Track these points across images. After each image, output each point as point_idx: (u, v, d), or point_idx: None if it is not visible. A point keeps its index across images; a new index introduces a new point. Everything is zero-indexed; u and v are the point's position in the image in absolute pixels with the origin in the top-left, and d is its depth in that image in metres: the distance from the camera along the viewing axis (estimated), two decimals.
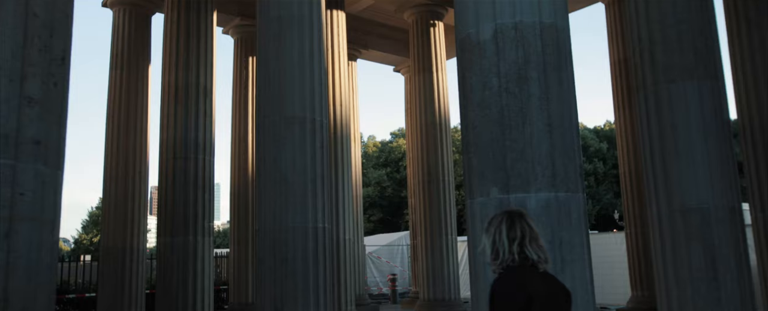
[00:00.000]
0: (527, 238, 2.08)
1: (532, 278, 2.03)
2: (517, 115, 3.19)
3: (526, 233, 2.09)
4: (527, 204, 3.08)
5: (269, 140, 5.21)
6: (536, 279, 2.03)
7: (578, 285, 3.05)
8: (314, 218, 5.11)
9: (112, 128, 9.10)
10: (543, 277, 2.07)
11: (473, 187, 3.31)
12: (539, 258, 2.07)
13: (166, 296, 6.96)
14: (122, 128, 9.03)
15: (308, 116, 5.25)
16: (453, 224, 9.91)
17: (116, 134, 9.04)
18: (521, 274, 2.04)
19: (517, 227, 2.11)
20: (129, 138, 9.01)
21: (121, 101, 9.11)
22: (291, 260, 4.96)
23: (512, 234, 2.10)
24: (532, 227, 2.11)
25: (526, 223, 2.11)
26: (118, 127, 9.05)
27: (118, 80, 9.14)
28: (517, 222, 2.12)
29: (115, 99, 9.16)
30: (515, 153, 3.16)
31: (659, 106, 4.61)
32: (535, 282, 2.02)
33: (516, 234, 2.10)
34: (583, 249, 3.14)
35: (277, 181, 5.10)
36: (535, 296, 1.97)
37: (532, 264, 2.06)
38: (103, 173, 9.09)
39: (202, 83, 7.51)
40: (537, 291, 1.98)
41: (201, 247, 7.12)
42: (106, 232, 8.92)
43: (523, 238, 2.08)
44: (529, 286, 2.00)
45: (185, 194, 7.13)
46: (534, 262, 2.06)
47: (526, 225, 2.11)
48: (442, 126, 10.06)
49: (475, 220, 3.26)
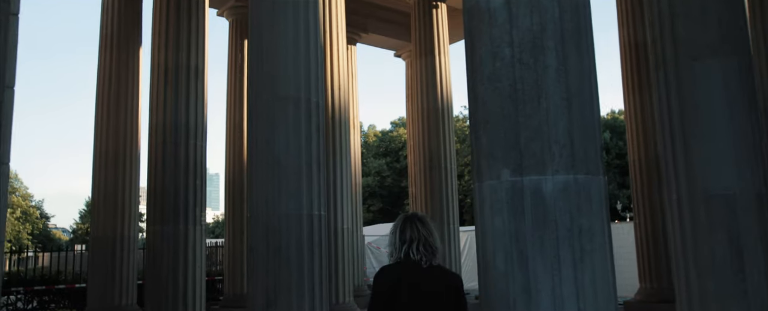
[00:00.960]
0: (415, 242, 2.59)
1: (409, 271, 2.55)
2: (532, 88, 2.86)
3: (416, 237, 2.60)
4: (543, 188, 2.76)
5: (261, 121, 4.89)
6: (412, 272, 2.54)
7: (598, 277, 2.74)
8: (309, 205, 4.79)
9: (101, 111, 8.77)
10: (425, 271, 2.57)
11: (482, 169, 2.99)
12: (421, 257, 2.59)
13: (155, 287, 6.66)
14: (112, 112, 8.70)
15: (303, 96, 4.92)
16: (455, 213, 9.60)
17: (106, 119, 8.71)
18: (397, 268, 2.58)
19: (407, 232, 2.63)
20: (119, 122, 8.68)
21: (111, 83, 8.77)
22: (285, 249, 4.66)
23: (403, 237, 2.62)
24: (423, 230, 2.62)
25: (418, 227, 2.63)
26: (108, 111, 8.72)
27: (108, 62, 8.79)
28: (411, 227, 2.64)
29: (105, 82, 8.82)
30: (530, 131, 2.84)
31: (681, 85, 4.28)
32: (410, 275, 2.53)
33: (406, 237, 2.62)
34: (604, 238, 2.82)
35: (270, 165, 4.78)
36: (402, 286, 2.48)
37: (413, 262, 2.57)
38: (92, 159, 8.78)
39: (193, 63, 7.16)
40: (405, 282, 2.49)
41: (192, 236, 6.81)
42: (96, 220, 8.62)
43: (412, 242, 2.60)
44: (400, 277, 2.51)
45: (175, 181, 6.81)
46: (417, 261, 2.58)
47: (418, 229, 2.62)
48: (444, 111, 9.72)
49: (484, 205, 2.94)
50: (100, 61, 8.91)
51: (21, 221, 40.45)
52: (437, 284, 2.57)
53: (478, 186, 3.03)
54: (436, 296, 2.53)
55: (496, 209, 2.85)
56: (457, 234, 9.70)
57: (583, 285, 2.68)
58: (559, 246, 2.71)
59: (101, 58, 8.89)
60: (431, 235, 2.66)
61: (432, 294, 2.53)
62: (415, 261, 2.58)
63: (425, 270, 2.58)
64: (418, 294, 2.51)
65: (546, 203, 2.75)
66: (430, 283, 2.56)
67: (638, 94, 8.55)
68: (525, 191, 2.78)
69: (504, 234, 2.80)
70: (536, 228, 2.73)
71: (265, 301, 4.65)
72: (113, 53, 8.68)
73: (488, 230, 2.89)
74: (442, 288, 2.57)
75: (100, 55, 8.97)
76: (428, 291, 2.53)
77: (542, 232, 2.73)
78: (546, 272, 2.70)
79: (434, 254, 2.63)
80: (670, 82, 4.36)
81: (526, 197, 2.78)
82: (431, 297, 2.53)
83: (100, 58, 8.93)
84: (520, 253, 2.75)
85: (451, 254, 9.48)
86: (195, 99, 7.14)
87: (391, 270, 2.61)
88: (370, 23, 12.00)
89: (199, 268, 6.81)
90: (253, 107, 4.97)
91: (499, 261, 2.82)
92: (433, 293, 2.53)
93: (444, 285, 2.59)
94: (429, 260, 2.61)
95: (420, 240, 2.61)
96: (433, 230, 2.68)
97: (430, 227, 2.67)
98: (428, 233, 2.66)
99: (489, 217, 2.89)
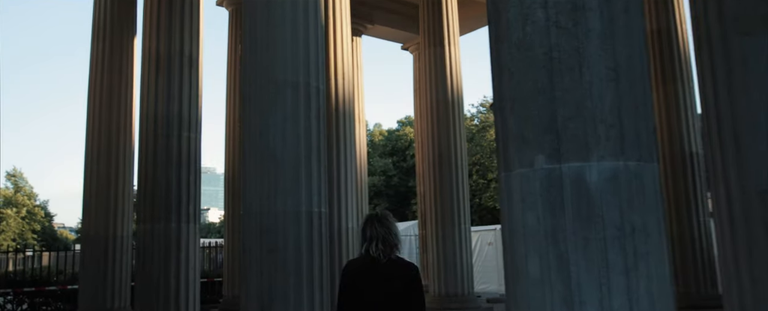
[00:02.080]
0: (375, 240, 2.88)
1: (370, 264, 2.87)
2: (572, 57, 2.37)
3: (375, 235, 2.90)
4: (587, 176, 2.27)
5: (256, 108, 4.41)
6: (373, 265, 2.87)
7: (656, 286, 2.24)
8: (309, 202, 4.31)
9: (94, 105, 8.32)
10: (384, 264, 2.88)
11: (510, 156, 2.50)
12: (379, 254, 2.89)
13: (146, 289, 6.20)
14: (105, 105, 8.24)
15: (302, 81, 4.44)
16: (466, 212, 9.08)
17: (99, 112, 8.25)
18: (360, 262, 2.92)
19: (367, 230, 2.93)
20: (112, 115, 8.21)
21: (104, 75, 8.31)
22: (281, 249, 4.18)
23: (364, 235, 2.93)
24: (380, 229, 2.90)
25: (376, 227, 2.91)
26: (100, 104, 8.26)
27: (101, 53, 8.33)
28: (370, 226, 2.92)
29: (98, 74, 8.36)
30: (569, 108, 2.35)
31: (729, 64, 3.76)
32: (371, 268, 2.87)
33: (367, 235, 2.93)
34: (661, 238, 2.33)
35: (265, 157, 4.30)
36: (365, 277, 2.83)
37: (377, 255, 2.88)
38: (84, 154, 8.34)
39: (187, 51, 6.69)
40: (367, 274, 2.85)
41: (185, 235, 6.33)
42: (88, 219, 8.16)
43: (372, 239, 2.89)
44: (363, 270, 2.87)
45: (167, 176, 6.34)
46: (375, 257, 2.89)
47: (376, 228, 2.90)
48: (454, 105, 9.20)
49: (513, 199, 2.45)
50: (93, 52, 8.46)
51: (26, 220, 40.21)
52: (395, 274, 2.88)
53: (504, 177, 2.54)
54: (394, 285, 2.86)
55: (529, 203, 2.36)
56: (469, 235, 9.19)
57: (638, 296, 2.19)
58: (608, 247, 2.22)
59: (94, 49, 8.45)
60: (389, 232, 2.93)
61: (391, 284, 2.86)
62: (381, 252, 2.90)
63: (384, 263, 2.90)
64: (379, 284, 2.86)
65: (590, 195, 2.25)
66: (389, 274, 2.88)
67: (662, 85, 8.01)
68: (564, 180, 2.29)
69: (538, 233, 2.31)
70: (579, 226, 2.24)
71: (258, 307, 4.17)
72: (106, 43, 8.22)
73: (518, 229, 2.40)
74: (399, 278, 2.88)
75: (92, 45, 8.53)
76: (388, 281, 2.87)
77: (586, 231, 2.23)
78: (592, 280, 2.21)
79: (392, 249, 2.93)
80: (716, 61, 3.85)
81: (565, 189, 2.28)
82: (390, 286, 2.86)
83: (92, 49, 8.48)
84: (558, 257, 2.26)
85: (463, 256, 8.97)
86: (189, 89, 6.66)
87: (356, 263, 3.02)
88: (376, 14, 11.50)
89: (193, 269, 6.34)
90: (246, 92, 4.49)
91: (533, 266, 2.33)
92: (392, 283, 2.86)
93: (401, 275, 2.89)
94: (387, 255, 2.92)
95: (378, 237, 2.91)
96: (392, 227, 2.96)
97: (388, 225, 2.95)
98: (386, 231, 2.93)
99: (519, 213, 2.40)
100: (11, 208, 38.61)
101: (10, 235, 39.17)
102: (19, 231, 39.09)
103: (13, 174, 41.30)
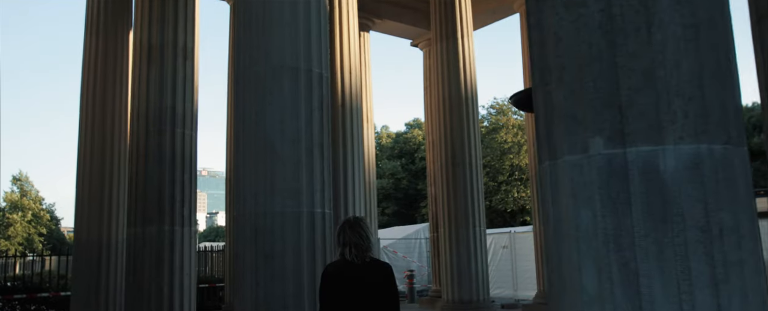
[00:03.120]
0: (348, 246, 3.11)
1: (347, 267, 3.09)
2: (638, 14, 1.87)
3: (348, 241, 3.11)
4: (660, 164, 1.77)
5: (250, 97, 3.92)
6: (349, 268, 3.08)
7: (752, 305, 1.73)
8: (310, 201, 3.82)
9: (87, 102, 7.88)
10: (359, 266, 3.09)
11: (555, 140, 2.00)
12: (353, 258, 3.10)
13: (136, 297, 5.73)
14: (98, 103, 7.80)
15: (303, 67, 3.95)
16: (481, 214, 8.57)
17: (92, 109, 7.81)
18: (338, 264, 3.14)
19: (342, 236, 3.15)
20: (106, 113, 7.77)
21: (98, 71, 7.87)
22: (279, 255, 3.69)
23: (339, 240, 3.16)
24: (352, 236, 3.10)
25: (348, 233, 3.12)
26: (93, 101, 7.81)
27: (94, 48, 7.90)
28: (343, 233, 3.14)
29: (91, 70, 7.92)
30: (635, 78, 1.85)
31: None
32: (347, 270, 3.08)
33: (341, 240, 3.16)
34: (756, 241, 1.82)
35: (261, 151, 3.81)
36: (343, 278, 3.05)
37: (353, 257, 3.10)
38: (77, 154, 7.90)
39: (181, 41, 6.23)
40: (345, 275, 3.06)
41: (179, 238, 5.86)
42: (81, 222, 7.70)
43: (346, 245, 3.12)
44: (341, 272, 3.08)
45: (160, 175, 5.87)
46: (350, 260, 3.11)
47: (348, 235, 3.12)
48: (468, 101, 8.69)
49: (560, 193, 1.95)
50: (86, 48, 8.02)
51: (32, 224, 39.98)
52: (371, 275, 3.07)
53: (548, 167, 2.04)
54: (370, 284, 3.04)
55: (582, 198, 1.87)
56: (484, 237, 8.67)
57: None
58: (689, 254, 1.72)
59: (87, 44, 8.01)
60: (361, 237, 3.10)
61: (367, 283, 3.04)
62: (357, 254, 3.08)
63: (359, 265, 3.08)
64: (356, 285, 3.03)
65: (665, 187, 1.76)
66: (365, 275, 3.06)
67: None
68: (630, 169, 1.79)
69: (596, 236, 1.82)
70: (651, 227, 1.74)
71: None
72: (99, 38, 7.79)
73: (568, 231, 1.90)
74: (374, 278, 3.07)
75: (85, 41, 8.09)
76: (364, 281, 3.04)
77: (661, 233, 1.74)
78: (669, 297, 1.71)
79: (365, 252, 3.10)
80: None
81: (632, 180, 1.78)
82: (367, 286, 3.04)
83: (85, 45, 8.05)
84: (623, 267, 1.76)
85: (477, 259, 8.45)
86: (183, 82, 6.20)
87: (334, 266, 3.14)
88: (385, 8, 11.02)
89: (188, 275, 5.86)
90: (239, 80, 4.01)
91: (589, 278, 1.83)
92: (368, 282, 3.05)
93: (375, 275, 3.08)
94: (361, 258, 3.09)
95: (351, 243, 3.09)
96: (364, 232, 3.13)
97: (360, 230, 3.12)
98: (358, 237, 3.10)
99: (569, 211, 1.90)
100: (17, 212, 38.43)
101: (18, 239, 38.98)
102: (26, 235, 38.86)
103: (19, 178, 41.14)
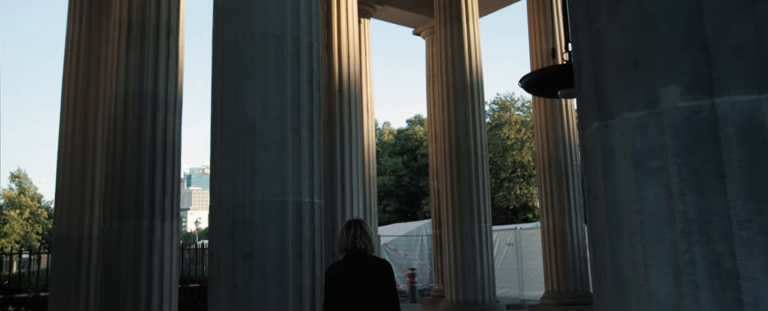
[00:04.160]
0: (352, 245, 3.29)
1: (351, 263, 3.28)
2: None
3: (353, 241, 3.30)
4: (767, 119, 1.25)
5: (229, 69, 3.41)
6: (354, 264, 3.28)
7: None
8: (296, 190, 3.31)
9: (68, 87, 7.39)
10: (362, 262, 3.28)
11: (607, 94, 1.49)
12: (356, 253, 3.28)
13: (111, 298, 5.22)
14: (81, 88, 7.28)
15: (289, 34, 3.43)
16: (487, 209, 8.05)
17: (74, 96, 7.30)
18: (343, 262, 3.33)
19: (344, 237, 3.35)
20: (89, 100, 7.25)
21: (80, 56, 7.36)
22: (259, 253, 3.18)
23: (343, 239, 3.34)
24: (359, 236, 3.30)
25: (352, 234, 3.31)
26: (75, 86, 7.30)
27: (77, 33, 7.40)
28: (349, 231, 3.32)
29: (73, 55, 7.43)
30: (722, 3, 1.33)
31: None
32: (352, 266, 3.27)
33: (343, 240, 3.34)
34: None
35: (240, 130, 3.30)
36: (347, 274, 3.25)
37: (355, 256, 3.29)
38: (57, 143, 7.40)
39: (164, 19, 5.71)
40: (349, 271, 3.26)
41: (160, 234, 5.35)
42: (60, 216, 7.22)
43: (348, 245, 3.31)
44: (346, 268, 3.29)
45: (138, 165, 5.36)
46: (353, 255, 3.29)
47: (354, 235, 3.31)
48: (473, 88, 8.17)
49: (614, 162, 1.45)
50: (69, 31, 7.53)
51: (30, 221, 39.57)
52: (373, 270, 3.27)
53: (598, 130, 1.52)
54: (372, 279, 3.24)
55: (650, 169, 1.35)
56: (490, 234, 8.16)
57: None
58: None
59: (70, 28, 7.52)
60: (363, 235, 3.30)
61: (367, 282, 3.23)
62: (358, 254, 3.27)
63: (362, 262, 3.28)
64: (357, 284, 3.23)
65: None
66: (367, 270, 3.26)
67: None
68: (722, 127, 1.27)
69: (671, 222, 1.31)
70: (755, 209, 1.23)
71: None
72: (83, 20, 7.29)
73: (627, 216, 1.39)
74: (376, 273, 3.26)
75: (68, 24, 7.60)
76: (365, 281, 3.24)
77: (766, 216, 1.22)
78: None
79: (366, 250, 3.30)
80: None
81: (726, 141, 1.27)
82: (367, 284, 3.23)
83: (68, 28, 7.55)
84: (714, 264, 1.25)
85: (483, 257, 7.94)
86: (166, 63, 5.68)
87: (336, 267, 3.33)
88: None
89: (169, 274, 5.35)
90: (217, 49, 3.50)
91: (661, 280, 1.32)
92: (368, 281, 3.24)
93: (376, 271, 3.28)
94: (361, 254, 3.28)
95: (353, 243, 3.28)
96: (365, 231, 3.32)
97: (361, 231, 3.31)
98: (361, 234, 3.30)
99: (629, 187, 1.39)
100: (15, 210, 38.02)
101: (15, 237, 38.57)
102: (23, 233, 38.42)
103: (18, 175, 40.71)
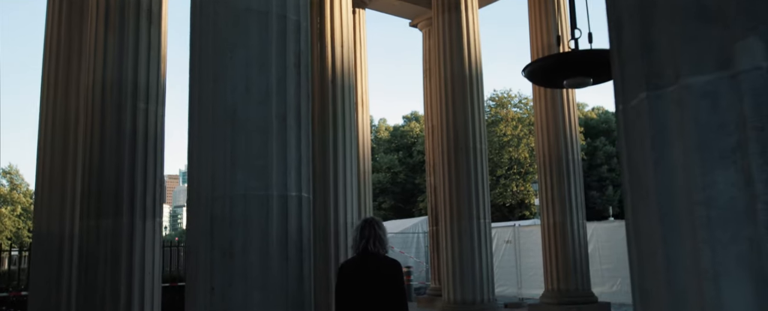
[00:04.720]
0: (372, 240, 3.46)
1: (366, 260, 3.45)
2: None
3: (371, 235, 3.48)
4: None
5: (208, 49, 3.09)
6: (368, 261, 3.44)
7: None
8: (282, 182, 2.99)
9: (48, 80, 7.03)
10: (376, 259, 3.45)
11: (660, 54, 1.19)
12: (377, 250, 3.46)
13: (89, 299, 4.90)
14: (61, 79, 6.94)
15: (275, 11, 3.12)
16: (486, 205, 7.75)
17: (54, 85, 6.95)
18: (357, 259, 3.50)
19: (365, 232, 3.50)
20: (70, 89, 6.91)
21: (61, 44, 7.02)
22: (240, 251, 2.86)
23: (363, 235, 3.50)
24: (378, 231, 3.50)
25: (371, 230, 3.50)
26: (56, 75, 6.96)
27: (56, 17, 7.05)
28: (366, 229, 3.51)
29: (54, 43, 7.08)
30: None
31: None
32: (366, 263, 3.43)
33: (362, 236, 3.50)
34: None
35: (220, 117, 2.99)
36: (360, 271, 3.41)
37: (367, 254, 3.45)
38: (37, 135, 7.06)
39: (145, 3, 5.39)
40: (363, 268, 3.42)
41: (141, 233, 5.03)
42: (40, 213, 6.88)
43: (368, 240, 3.47)
44: (360, 265, 3.44)
45: (117, 159, 5.02)
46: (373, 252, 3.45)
47: (372, 230, 3.50)
48: (472, 79, 7.86)
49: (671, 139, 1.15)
50: (48, 16, 7.18)
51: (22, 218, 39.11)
52: (383, 269, 3.42)
53: (645, 101, 1.21)
54: (382, 277, 3.38)
55: (720, 149, 1.04)
56: (489, 231, 7.87)
57: None
58: None
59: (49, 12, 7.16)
60: (376, 240, 3.48)
61: (379, 276, 3.39)
62: (371, 252, 3.44)
63: (374, 260, 3.44)
64: (370, 277, 3.39)
65: None
66: (378, 269, 3.42)
67: None
68: None
69: (751, 217, 1.00)
70: None
71: None
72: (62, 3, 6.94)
73: (688, 208, 1.08)
74: (385, 272, 3.41)
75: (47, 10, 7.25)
76: (377, 274, 3.40)
77: None
78: None
79: (381, 247, 3.49)
80: None
81: None
82: (379, 278, 3.39)
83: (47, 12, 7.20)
84: None
85: (482, 255, 7.65)
86: (148, 49, 5.34)
87: (352, 260, 3.54)
88: None
89: (150, 275, 5.03)
90: (195, 26, 3.18)
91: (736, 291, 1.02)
92: (380, 275, 3.39)
93: (386, 269, 3.43)
94: (375, 251, 3.45)
95: (367, 246, 3.46)
96: (379, 235, 3.49)
97: (378, 229, 3.51)
98: (374, 237, 3.48)
99: (691, 172, 1.07)
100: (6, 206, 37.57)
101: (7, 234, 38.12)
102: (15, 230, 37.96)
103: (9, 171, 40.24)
